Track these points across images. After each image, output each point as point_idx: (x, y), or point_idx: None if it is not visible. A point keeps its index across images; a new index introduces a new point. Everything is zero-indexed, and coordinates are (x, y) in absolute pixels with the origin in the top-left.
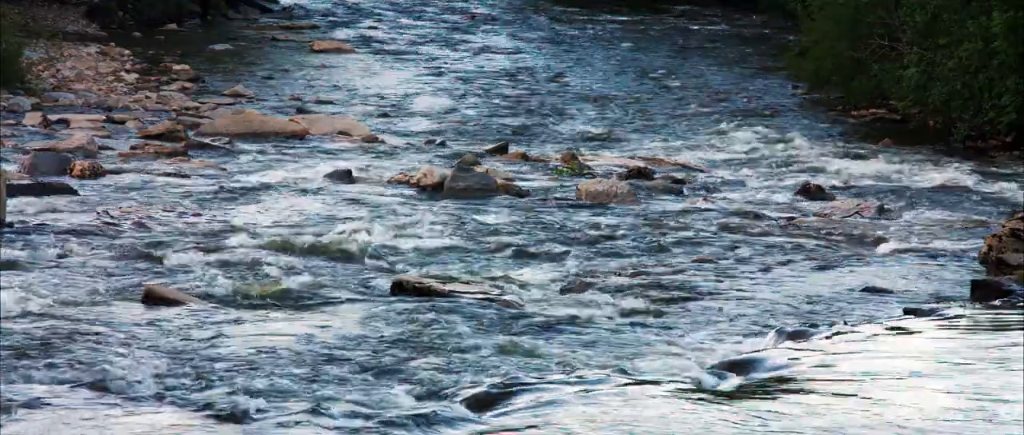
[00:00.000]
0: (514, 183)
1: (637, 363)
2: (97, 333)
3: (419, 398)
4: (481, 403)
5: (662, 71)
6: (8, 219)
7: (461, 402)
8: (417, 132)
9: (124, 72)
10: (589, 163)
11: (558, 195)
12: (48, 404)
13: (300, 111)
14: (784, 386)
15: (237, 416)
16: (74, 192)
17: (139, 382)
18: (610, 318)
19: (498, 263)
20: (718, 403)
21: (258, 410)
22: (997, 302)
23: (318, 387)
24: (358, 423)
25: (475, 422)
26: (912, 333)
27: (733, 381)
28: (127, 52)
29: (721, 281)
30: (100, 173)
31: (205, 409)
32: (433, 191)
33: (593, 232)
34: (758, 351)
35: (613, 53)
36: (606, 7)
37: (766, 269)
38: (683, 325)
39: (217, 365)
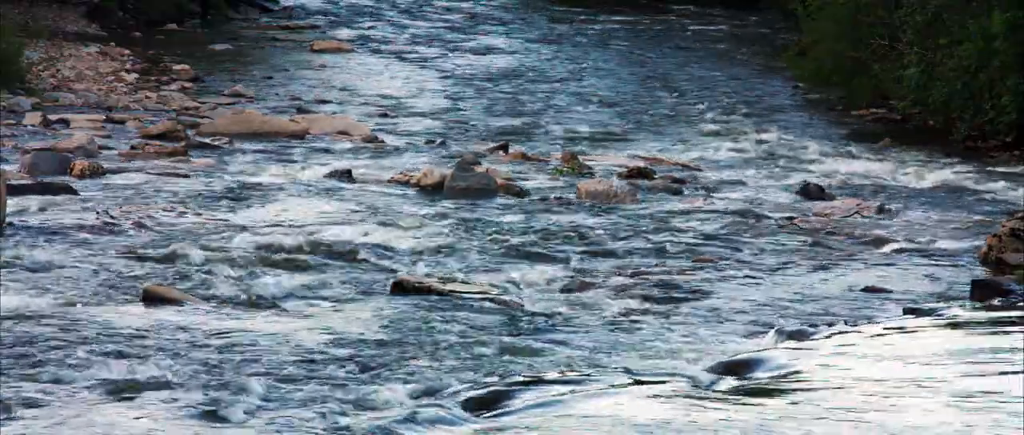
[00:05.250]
0: (514, 183)
1: (637, 363)
2: (96, 333)
3: (418, 398)
4: (481, 403)
5: (662, 71)
6: (8, 219)
7: (461, 402)
8: (417, 132)
9: (124, 72)
10: (589, 163)
11: (558, 195)
12: (48, 404)
13: (300, 111)
14: (784, 386)
15: (236, 415)
16: (74, 192)
17: (138, 382)
18: (610, 318)
19: (498, 263)
20: (718, 403)
21: (257, 409)
22: (997, 302)
23: (318, 386)
24: (357, 423)
25: (474, 422)
26: (912, 333)
27: (733, 381)
28: (127, 52)
29: (721, 281)
30: (100, 173)
31: (205, 408)
32: (433, 191)
33: (593, 232)
34: (758, 351)
35: (613, 53)
36: (606, 7)
37: (766, 269)
38: (683, 325)
39: (216, 365)
